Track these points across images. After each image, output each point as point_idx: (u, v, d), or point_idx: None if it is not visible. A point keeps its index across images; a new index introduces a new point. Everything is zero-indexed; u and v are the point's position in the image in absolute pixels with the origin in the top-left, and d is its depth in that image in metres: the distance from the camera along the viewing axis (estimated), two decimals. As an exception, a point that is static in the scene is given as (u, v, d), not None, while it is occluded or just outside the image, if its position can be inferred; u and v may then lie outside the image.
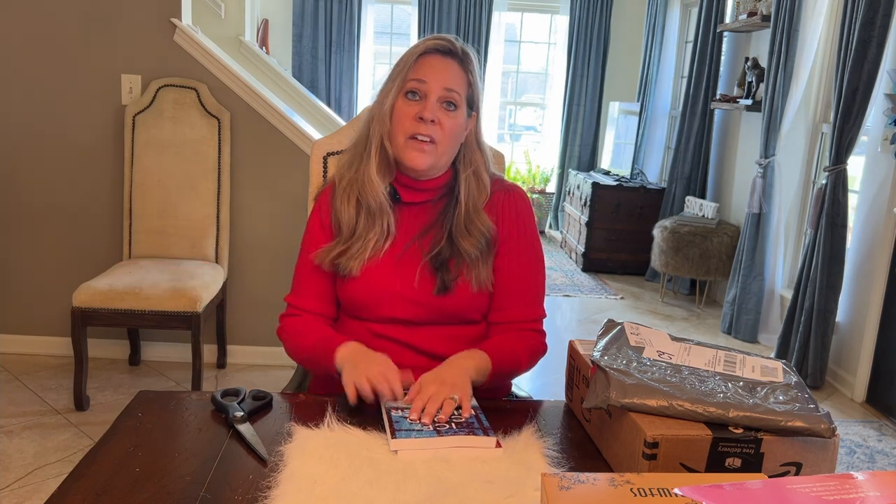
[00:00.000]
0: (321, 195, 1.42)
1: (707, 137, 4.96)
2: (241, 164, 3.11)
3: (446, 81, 1.29)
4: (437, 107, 1.28)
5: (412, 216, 1.37)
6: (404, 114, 1.29)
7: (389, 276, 1.32)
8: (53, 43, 3.01)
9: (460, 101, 1.31)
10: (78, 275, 3.01)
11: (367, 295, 1.32)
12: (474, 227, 1.32)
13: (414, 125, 1.28)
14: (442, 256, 1.31)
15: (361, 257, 1.31)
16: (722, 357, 1.12)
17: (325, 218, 1.38)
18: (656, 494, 0.70)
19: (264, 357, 3.24)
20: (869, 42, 3.15)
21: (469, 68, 1.32)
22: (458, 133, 1.32)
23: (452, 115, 1.30)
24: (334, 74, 6.22)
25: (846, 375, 3.44)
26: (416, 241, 1.35)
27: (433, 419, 1.09)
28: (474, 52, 1.35)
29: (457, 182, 1.36)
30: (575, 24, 6.35)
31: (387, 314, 1.33)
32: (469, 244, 1.31)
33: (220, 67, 3.04)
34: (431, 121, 1.27)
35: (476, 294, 1.32)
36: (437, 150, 1.29)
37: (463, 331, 1.35)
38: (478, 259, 1.32)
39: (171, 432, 1.08)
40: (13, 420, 2.65)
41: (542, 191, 6.86)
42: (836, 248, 3.40)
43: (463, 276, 1.31)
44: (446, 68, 1.30)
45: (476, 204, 1.34)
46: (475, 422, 1.10)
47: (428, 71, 1.29)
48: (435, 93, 1.28)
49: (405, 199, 1.36)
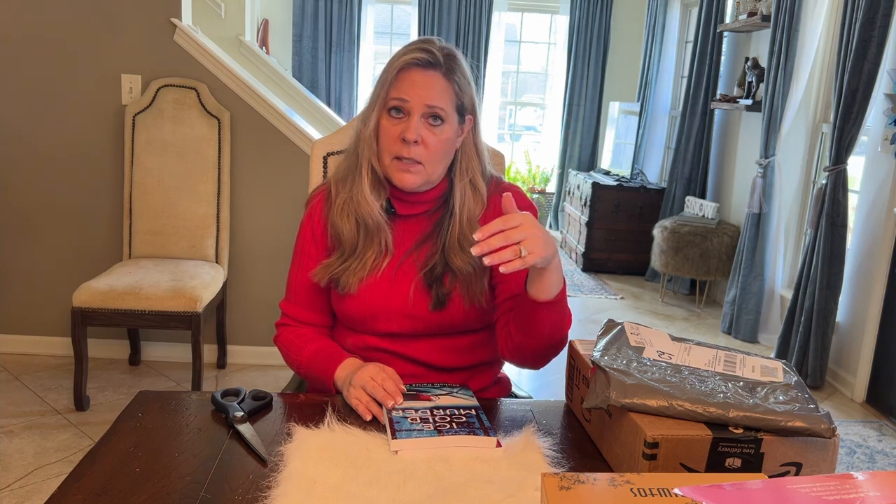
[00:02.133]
0: (313, 202, 1.38)
1: (707, 137, 4.96)
2: (241, 164, 3.11)
3: (428, 98, 1.23)
4: (422, 125, 1.24)
5: (408, 228, 1.35)
6: (388, 134, 1.26)
7: (385, 292, 1.31)
8: (53, 43, 3.01)
9: (446, 113, 1.25)
10: (78, 275, 3.01)
11: (364, 311, 1.32)
12: (468, 243, 1.26)
13: (398, 146, 1.25)
14: (436, 272, 1.29)
15: (360, 275, 1.30)
16: (722, 357, 1.12)
17: (316, 228, 1.36)
18: (656, 494, 0.70)
19: (264, 357, 3.24)
20: (869, 42, 3.15)
21: (453, 77, 1.26)
22: (446, 147, 1.28)
23: (438, 131, 1.25)
24: (334, 74, 6.23)
25: (846, 375, 3.44)
26: (412, 254, 1.33)
27: (485, 251, 1.00)
28: (458, 51, 1.30)
29: (452, 193, 1.32)
30: (575, 24, 6.35)
31: (383, 329, 1.32)
32: (462, 261, 1.28)
33: (220, 67, 3.04)
34: (415, 141, 1.23)
35: (469, 309, 1.30)
36: (426, 169, 1.26)
37: (460, 340, 1.34)
38: (470, 275, 1.29)
39: (171, 432, 1.08)
40: (13, 420, 2.65)
41: (542, 191, 6.86)
42: (836, 248, 3.40)
43: (457, 290, 1.29)
44: (427, 83, 1.24)
45: (471, 216, 1.31)
46: (475, 422, 1.10)
47: (408, 88, 1.24)
48: (417, 111, 1.23)
49: (401, 212, 1.34)
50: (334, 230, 1.33)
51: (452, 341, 1.33)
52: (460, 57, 1.30)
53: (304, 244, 1.38)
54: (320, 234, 1.36)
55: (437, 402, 1.17)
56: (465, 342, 1.34)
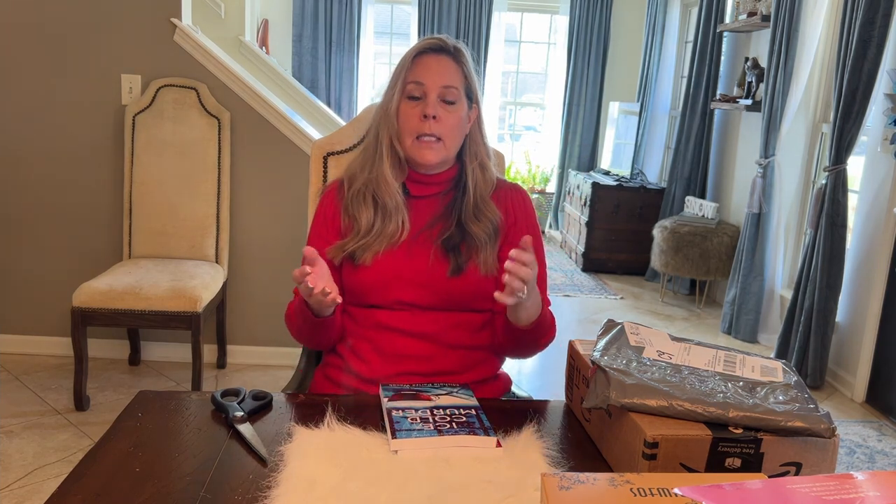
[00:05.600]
0: (327, 192, 1.45)
1: (707, 137, 4.96)
2: (241, 164, 3.11)
3: (442, 79, 1.35)
4: (438, 104, 1.34)
5: (420, 209, 1.41)
6: (408, 115, 1.35)
7: (402, 261, 1.35)
8: (54, 43, 3.01)
9: (459, 95, 1.37)
10: (78, 275, 3.01)
11: (377, 278, 1.35)
12: (482, 215, 1.38)
13: (419, 125, 1.34)
14: (453, 240, 1.36)
15: (376, 249, 1.35)
16: (722, 357, 1.12)
17: (328, 213, 1.42)
18: (656, 494, 0.70)
19: (264, 357, 3.24)
20: (869, 42, 3.15)
21: (463, 61, 1.39)
22: (460, 126, 1.38)
23: (453, 111, 1.36)
24: (334, 74, 6.22)
25: (846, 375, 3.44)
26: (427, 231, 1.39)
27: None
28: (466, 47, 1.42)
29: (463, 174, 1.42)
30: (575, 24, 6.35)
31: (395, 298, 1.35)
32: (479, 228, 1.36)
33: (220, 67, 3.04)
34: (434, 117, 1.33)
35: (484, 278, 1.35)
36: (445, 145, 1.36)
37: (468, 318, 1.37)
38: (486, 243, 1.36)
39: (171, 432, 1.08)
40: (13, 420, 2.65)
41: (542, 191, 6.86)
42: (836, 248, 3.41)
43: (473, 259, 1.35)
44: (441, 66, 1.36)
45: (483, 194, 1.40)
46: (475, 421, 1.10)
47: (424, 72, 1.35)
48: (434, 91, 1.34)
49: (414, 193, 1.41)
50: (349, 217, 1.39)
51: (461, 317, 1.36)
52: (467, 52, 1.42)
53: (317, 228, 1.44)
54: (332, 219, 1.41)
55: (437, 401, 1.17)
56: (474, 320, 1.38)
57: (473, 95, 1.40)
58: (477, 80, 1.42)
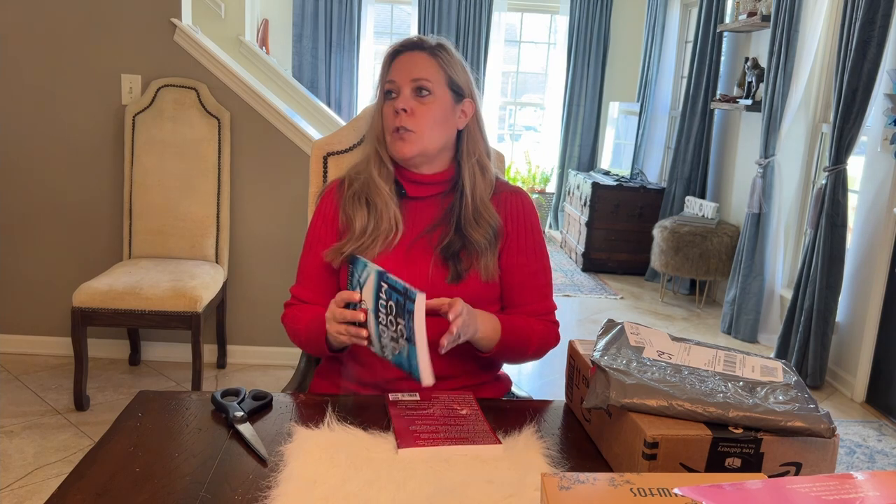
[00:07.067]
0: (326, 192, 1.45)
1: (707, 137, 4.96)
2: (241, 164, 3.11)
3: (411, 73, 1.34)
4: (410, 97, 1.34)
5: (418, 211, 1.40)
6: (386, 114, 1.37)
7: (400, 268, 1.33)
8: (54, 43, 3.01)
9: (433, 85, 1.34)
10: (78, 275, 3.01)
11: None
12: (482, 219, 1.36)
13: (393, 120, 1.35)
14: (452, 247, 1.35)
15: (372, 252, 1.34)
16: (722, 357, 1.12)
17: (328, 213, 1.42)
18: (656, 494, 0.70)
19: (264, 357, 3.24)
20: (869, 42, 3.15)
21: (439, 54, 1.36)
22: (437, 117, 1.35)
23: (427, 101, 1.34)
24: (334, 74, 6.22)
25: (846, 375, 3.44)
26: (425, 236, 1.37)
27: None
28: (452, 45, 1.40)
29: (460, 175, 1.39)
30: (575, 24, 6.35)
31: None
32: (479, 234, 1.35)
33: (220, 67, 3.04)
34: (405, 110, 1.33)
35: (485, 284, 1.35)
36: (418, 137, 1.34)
37: None
38: (486, 249, 1.35)
39: (171, 432, 1.08)
40: (13, 420, 2.65)
41: (542, 191, 6.86)
42: (836, 248, 3.40)
43: (473, 266, 1.34)
44: (412, 61, 1.36)
45: (482, 197, 1.38)
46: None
47: (396, 69, 1.36)
48: (406, 86, 1.34)
49: (410, 194, 1.40)
50: (346, 217, 1.39)
51: None
52: (450, 46, 1.40)
53: (316, 229, 1.43)
54: (331, 219, 1.41)
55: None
56: None
57: (462, 90, 1.38)
58: (468, 74, 1.40)
